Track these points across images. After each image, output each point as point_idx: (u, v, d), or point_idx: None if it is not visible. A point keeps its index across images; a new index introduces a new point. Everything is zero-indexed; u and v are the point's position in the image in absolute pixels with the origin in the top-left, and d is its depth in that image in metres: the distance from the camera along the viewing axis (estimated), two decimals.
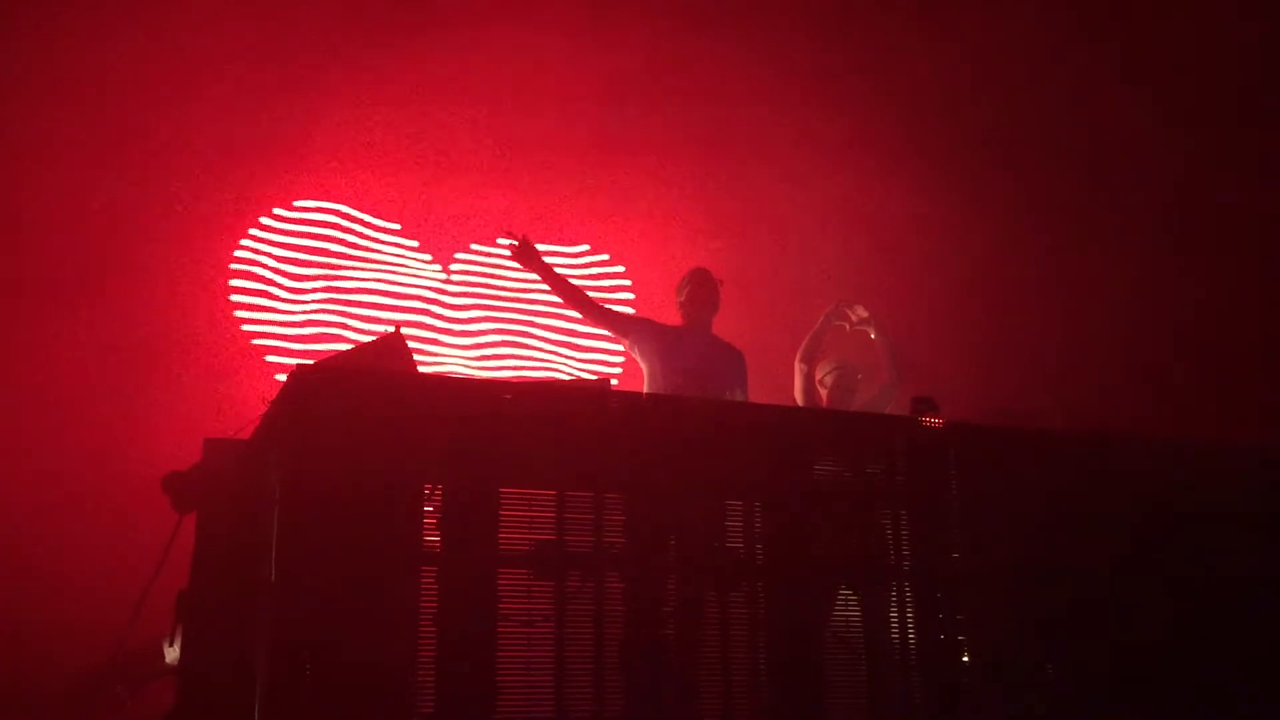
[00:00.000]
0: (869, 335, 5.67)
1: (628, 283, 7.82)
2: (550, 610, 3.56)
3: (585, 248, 7.75)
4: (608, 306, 5.30)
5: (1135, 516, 4.37)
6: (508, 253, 5.27)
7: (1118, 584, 4.25)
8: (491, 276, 7.51)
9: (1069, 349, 7.68)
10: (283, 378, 6.34)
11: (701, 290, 5.25)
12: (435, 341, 7.24)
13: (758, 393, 5.28)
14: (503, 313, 7.47)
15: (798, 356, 5.61)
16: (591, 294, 5.53)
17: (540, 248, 5.18)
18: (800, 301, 6.93)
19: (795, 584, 3.91)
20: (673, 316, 5.35)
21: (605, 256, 7.82)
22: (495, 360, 7.37)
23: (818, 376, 5.62)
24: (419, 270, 7.31)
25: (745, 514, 3.95)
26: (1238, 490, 4.53)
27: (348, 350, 4.11)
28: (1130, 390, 7.41)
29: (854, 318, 5.64)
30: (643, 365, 5.18)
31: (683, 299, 5.30)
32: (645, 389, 5.13)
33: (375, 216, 7.24)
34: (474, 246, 7.50)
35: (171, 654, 4.28)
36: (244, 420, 4.21)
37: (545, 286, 5.36)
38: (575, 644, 3.54)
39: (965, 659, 4.05)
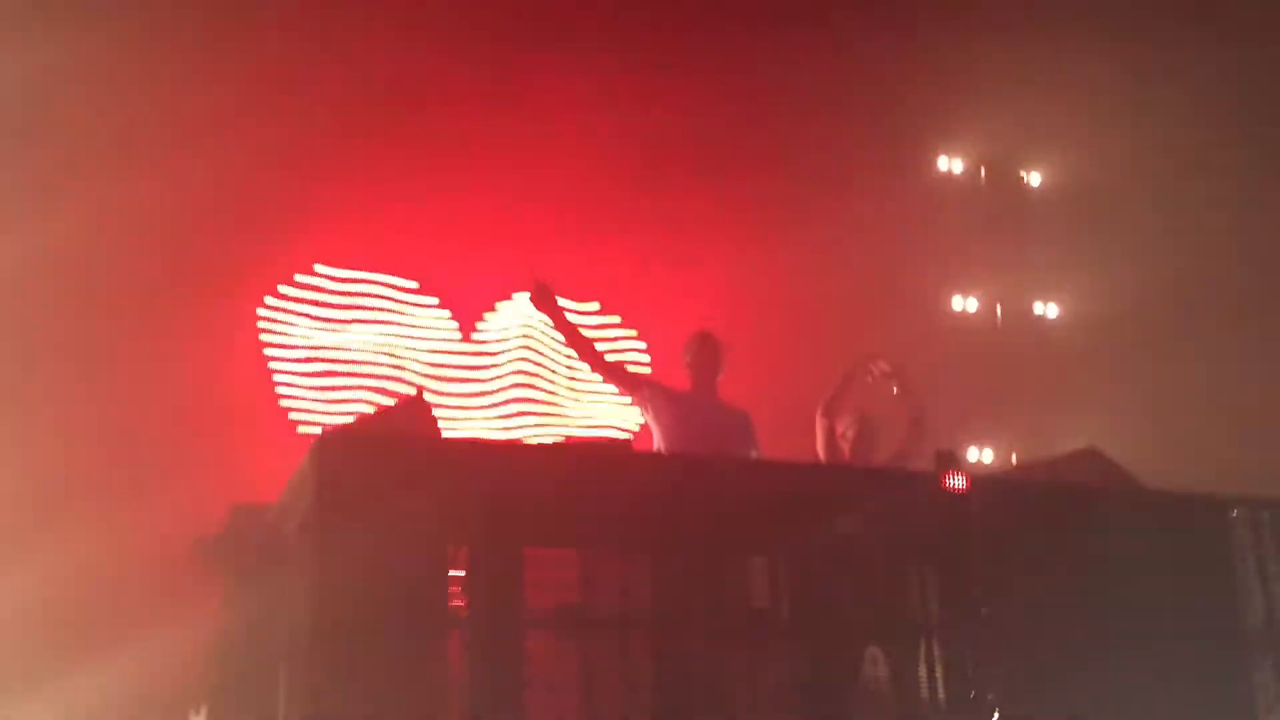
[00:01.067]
0: (891, 390, 5.67)
1: (641, 345, 7.85)
2: (577, 673, 3.55)
3: (595, 305, 7.79)
4: (619, 364, 5.31)
5: (1160, 567, 4.35)
6: (529, 306, 5.32)
7: (1140, 632, 4.22)
8: (512, 337, 7.54)
9: None
10: (310, 432, 6.49)
11: (705, 353, 5.28)
12: (457, 404, 7.26)
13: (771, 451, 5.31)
14: (523, 375, 7.49)
15: (819, 411, 5.61)
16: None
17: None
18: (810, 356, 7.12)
19: (822, 642, 3.89)
20: (679, 379, 5.38)
21: (616, 319, 7.86)
22: (516, 419, 7.38)
23: (839, 431, 5.61)
24: (439, 330, 7.36)
25: (770, 572, 3.94)
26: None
27: (371, 414, 4.15)
28: None
29: (876, 372, 5.64)
30: (653, 426, 5.21)
31: (688, 361, 5.32)
32: (655, 448, 5.15)
33: (393, 276, 7.30)
34: (497, 304, 7.55)
35: None
36: (271, 485, 4.23)
37: (562, 342, 5.37)
38: (603, 707, 3.53)
39: (996, 716, 4.02)
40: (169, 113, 6.60)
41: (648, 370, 7.70)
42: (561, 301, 7.41)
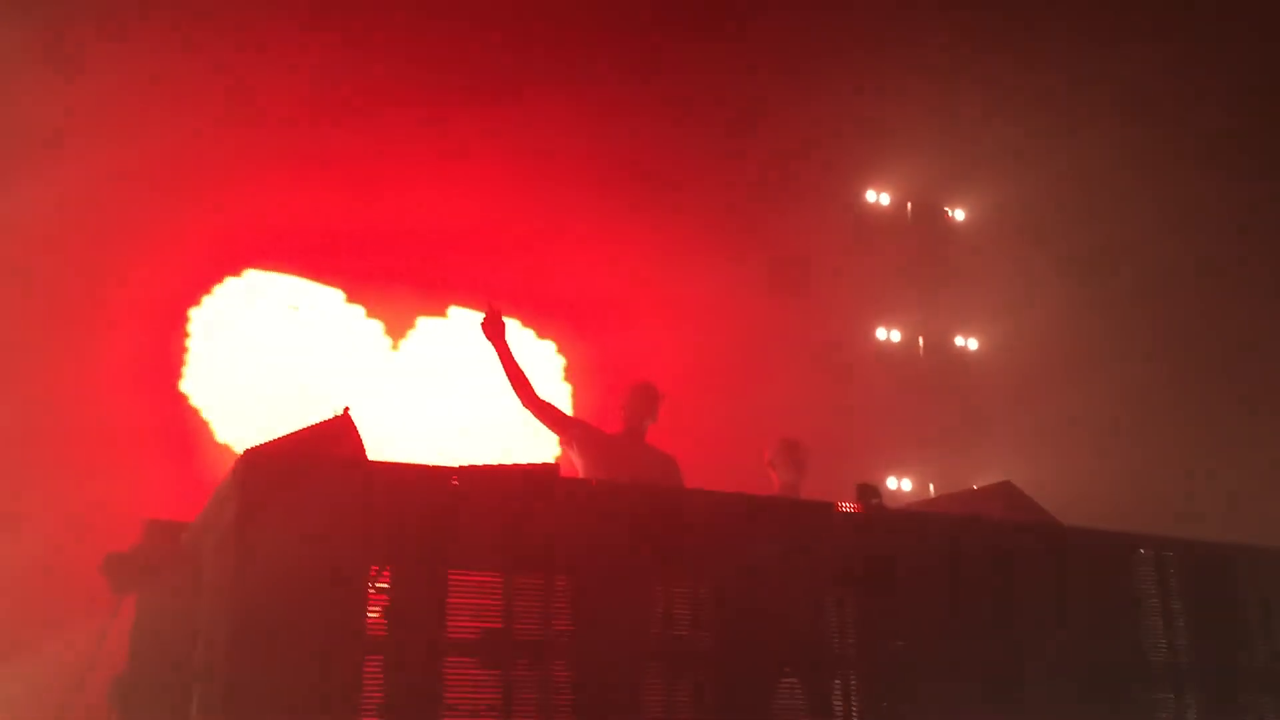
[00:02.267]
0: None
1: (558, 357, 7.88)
2: (497, 700, 3.54)
3: (529, 331, 7.81)
4: (548, 402, 5.38)
5: (1069, 602, 4.46)
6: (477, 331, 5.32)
7: (1049, 666, 4.33)
8: (437, 352, 7.50)
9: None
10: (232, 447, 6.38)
11: (638, 399, 5.38)
12: (383, 419, 7.19)
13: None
14: (450, 390, 7.45)
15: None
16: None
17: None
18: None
19: (741, 671, 3.92)
20: (613, 422, 5.44)
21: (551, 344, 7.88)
22: (444, 438, 7.34)
23: (767, 458, 5.70)
24: (366, 342, 7.29)
25: (691, 600, 3.97)
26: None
27: (296, 432, 4.09)
28: None
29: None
30: (578, 465, 5.28)
31: (621, 404, 5.42)
32: None
33: (322, 285, 7.22)
34: (420, 320, 7.50)
35: None
36: (186, 502, 4.17)
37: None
38: None
39: None
40: (99, 105, 6.47)
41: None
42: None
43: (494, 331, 5.28)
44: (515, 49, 7.66)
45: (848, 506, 4.39)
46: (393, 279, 7.32)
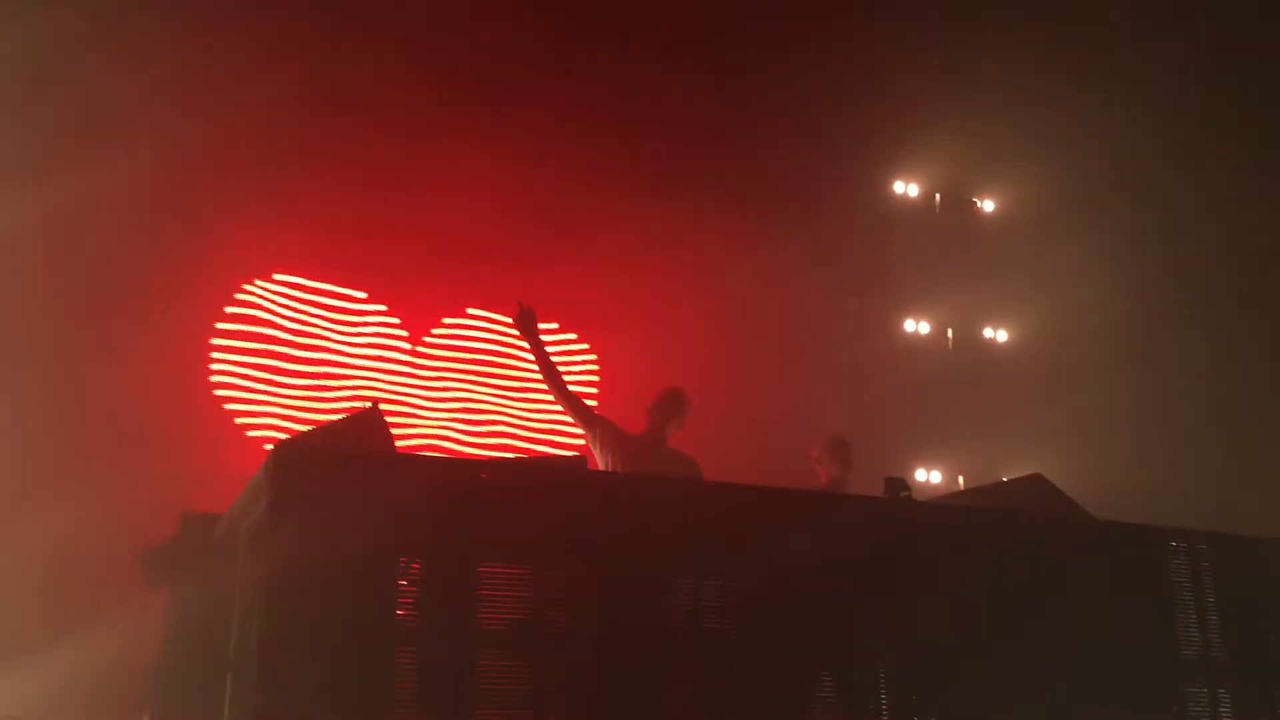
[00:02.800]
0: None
1: (593, 359, 7.89)
2: (528, 691, 3.56)
3: (554, 325, 7.83)
4: (579, 398, 5.46)
5: (1101, 596, 4.44)
6: (482, 324, 5.40)
7: (1081, 661, 4.30)
8: (463, 350, 7.53)
9: None
10: (264, 441, 6.45)
11: (665, 402, 5.48)
12: (410, 414, 7.24)
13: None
14: (474, 386, 7.48)
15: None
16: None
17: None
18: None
19: (770, 664, 3.92)
20: (637, 423, 5.46)
21: (573, 336, 7.89)
22: (468, 432, 7.38)
23: (814, 455, 5.77)
24: (391, 340, 7.33)
25: (720, 593, 3.98)
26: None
27: (325, 425, 4.13)
28: None
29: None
30: (600, 462, 5.36)
31: (649, 406, 5.51)
32: None
33: (346, 287, 7.27)
34: (434, 331, 7.54)
35: None
36: (220, 495, 4.21)
37: (529, 361, 5.44)
38: None
39: None
40: (127, 111, 6.54)
41: (596, 382, 7.76)
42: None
43: (526, 326, 5.39)
44: (539, 35, 7.67)
45: (877, 500, 4.39)
46: (415, 278, 7.35)
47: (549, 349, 5.50)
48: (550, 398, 5.73)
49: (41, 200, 6.06)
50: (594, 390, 7.78)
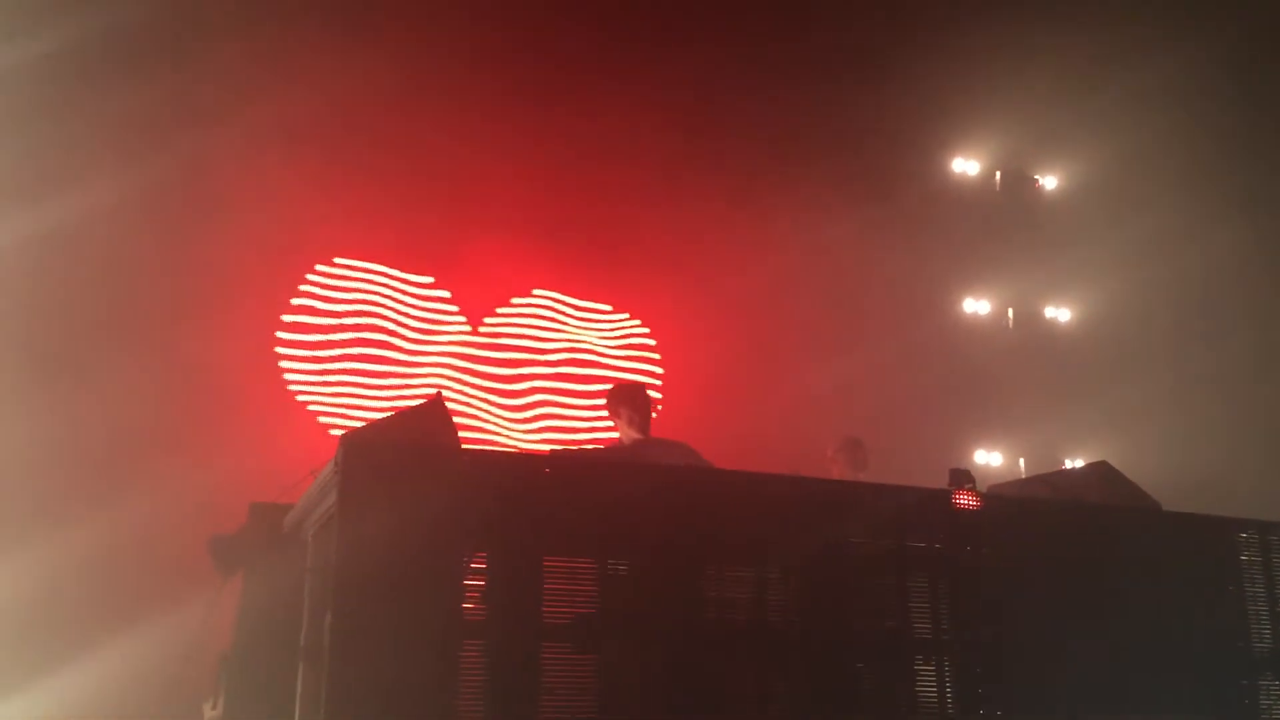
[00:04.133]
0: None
1: (652, 342, 7.90)
2: (591, 683, 3.58)
3: (623, 314, 7.84)
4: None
5: (1169, 587, 4.39)
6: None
7: (1149, 653, 4.26)
8: (520, 336, 7.56)
9: None
10: (335, 434, 6.52)
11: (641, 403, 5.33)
12: (468, 402, 7.29)
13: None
14: (533, 373, 7.52)
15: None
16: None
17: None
18: None
19: (831, 656, 3.92)
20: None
21: (637, 322, 7.90)
22: (530, 419, 7.42)
23: (829, 453, 5.75)
24: (451, 326, 7.37)
25: (781, 586, 3.98)
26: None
27: (390, 416, 4.16)
28: None
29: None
30: None
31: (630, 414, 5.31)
32: None
33: (409, 272, 7.32)
34: (499, 310, 7.57)
35: (213, 715, 4.33)
36: (290, 485, 4.26)
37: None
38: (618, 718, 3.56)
39: None
40: (187, 101, 6.61)
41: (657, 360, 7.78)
42: (578, 303, 7.58)
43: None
44: (599, 26, 7.65)
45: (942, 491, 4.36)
46: (477, 265, 7.38)
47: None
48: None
49: (112, 192, 6.15)
50: (658, 370, 7.80)
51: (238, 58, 6.67)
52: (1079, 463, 8.35)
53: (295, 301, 6.89)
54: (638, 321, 7.90)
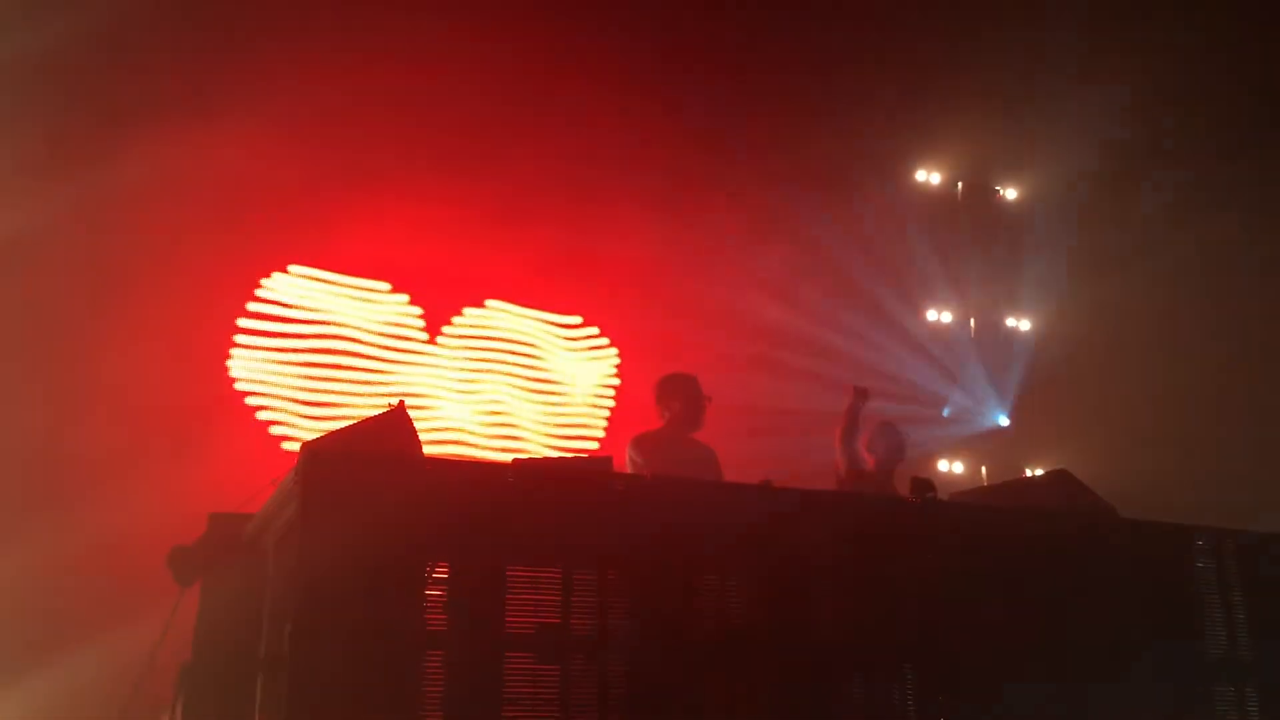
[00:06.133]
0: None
1: (613, 350, 7.91)
2: (555, 694, 3.58)
3: (579, 320, 7.85)
4: None
5: (1126, 594, 4.44)
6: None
7: (1108, 660, 4.30)
8: (482, 341, 7.54)
9: None
10: (290, 446, 6.47)
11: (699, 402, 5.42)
12: (430, 410, 7.25)
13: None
14: (495, 381, 7.49)
15: (838, 441, 5.78)
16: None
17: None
18: None
19: (797, 665, 3.93)
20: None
21: (595, 330, 7.91)
22: (492, 426, 7.39)
23: (865, 443, 5.78)
24: (411, 333, 7.34)
25: (746, 595, 3.99)
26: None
27: (352, 425, 4.14)
28: None
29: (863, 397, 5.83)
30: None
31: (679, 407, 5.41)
32: None
33: (366, 279, 7.27)
34: (456, 320, 7.54)
35: None
36: (249, 494, 4.23)
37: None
38: None
39: None
40: (159, 104, 6.55)
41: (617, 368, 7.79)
42: (544, 315, 7.56)
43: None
44: (565, 36, 7.65)
45: (902, 500, 4.39)
46: (436, 270, 7.35)
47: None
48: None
49: (60, 198, 6.09)
50: (616, 381, 7.81)
51: (197, 59, 6.61)
52: (1039, 471, 8.43)
53: (252, 308, 6.83)
54: (596, 330, 7.89)
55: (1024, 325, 9.42)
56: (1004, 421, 9.03)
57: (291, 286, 7.00)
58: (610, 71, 7.65)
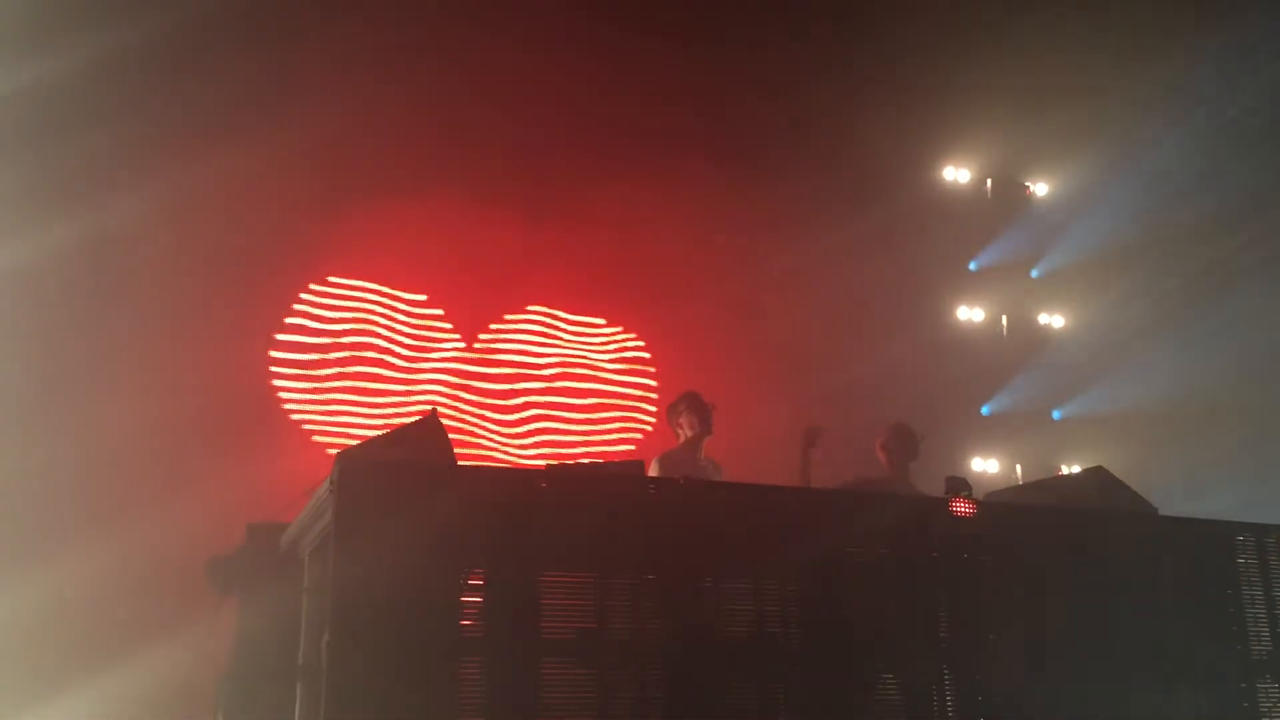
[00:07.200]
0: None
1: (647, 355, 7.91)
2: (592, 699, 3.58)
3: (617, 328, 7.85)
4: None
5: (1167, 590, 4.39)
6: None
7: (1147, 656, 4.27)
8: (515, 351, 7.56)
9: None
10: (328, 446, 6.51)
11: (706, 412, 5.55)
12: (463, 418, 7.27)
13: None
14: (528, 388, 7.51)
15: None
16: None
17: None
18: None
19: (831, 667, 3.92)
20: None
21: (631, 335, 7.91)
22: (526, 435, 7.41)
23: (879, 441, 5.75)
24: (445, 343, 7.37)
25: (780, 598, 3.98)
26: None
27: (387, 434, 4.16)
28: None
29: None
30: None
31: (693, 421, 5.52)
32: None
33: (402, 290, 7.31)
34: (493, 326, 7.56)
35: None
36: (286, 504, 4.26)
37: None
38: None
39: None
40: (184, 124, 6.61)
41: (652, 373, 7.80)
42: (572, 318, 7.58)
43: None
44: (589, 42, 7.66)
45: (939, 500, 4.36)
46: (470, 282, 7.38)
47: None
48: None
49: (102, 220, 6.17)
50: (653, 384, 7.83)
51: (240, 76, 6.67)
52: (1076, 468, 8.35)
53: (290, 321, 6.88)
54: (632, 335, 7.90)
55: (1056, 321, 9.33)
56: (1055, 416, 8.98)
57: (330, 298, 7.05)
58: (639, 77, 7.66)
